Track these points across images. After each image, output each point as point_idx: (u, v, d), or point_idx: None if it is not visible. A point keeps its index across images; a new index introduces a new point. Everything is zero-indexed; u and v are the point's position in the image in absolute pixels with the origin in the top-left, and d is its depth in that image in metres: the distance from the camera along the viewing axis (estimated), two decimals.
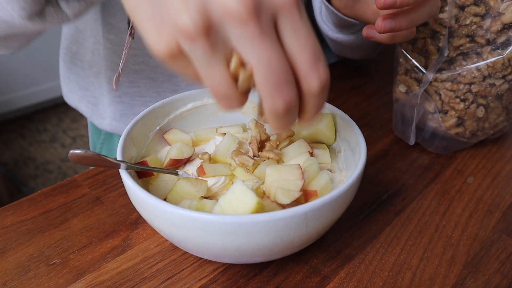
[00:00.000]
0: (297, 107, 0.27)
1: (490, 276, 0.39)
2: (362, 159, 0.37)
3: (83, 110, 0.70)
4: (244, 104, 0.28)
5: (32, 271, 0.38)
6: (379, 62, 0.83)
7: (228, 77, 0.26)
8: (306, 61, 0.26)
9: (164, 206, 0.32)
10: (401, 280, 0.38)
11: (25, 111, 2.23)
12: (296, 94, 0.26)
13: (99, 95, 0.67)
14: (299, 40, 0.25)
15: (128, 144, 0.40)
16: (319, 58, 0.26)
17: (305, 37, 0.25)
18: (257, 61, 0.25)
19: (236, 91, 0.26)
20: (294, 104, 0.26)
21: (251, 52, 0.25)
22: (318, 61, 0.26)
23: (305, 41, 0.25)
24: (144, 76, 0.62)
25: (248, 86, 0.27)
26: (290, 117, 0.27)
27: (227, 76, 0.26)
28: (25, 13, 0.39)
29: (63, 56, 0.69)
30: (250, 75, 0.26)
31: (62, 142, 2.09)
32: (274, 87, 0.25)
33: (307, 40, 0.25)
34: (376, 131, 0.61)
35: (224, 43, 0.25)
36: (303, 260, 0.40)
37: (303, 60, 0.26)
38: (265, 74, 0.25)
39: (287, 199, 0.36)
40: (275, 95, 0.25)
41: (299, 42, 0.25)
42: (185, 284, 0.37)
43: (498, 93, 0.49)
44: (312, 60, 0.26)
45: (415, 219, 0.45)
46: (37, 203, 0.46)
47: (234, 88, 0.26)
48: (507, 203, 0.48)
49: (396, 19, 0.41)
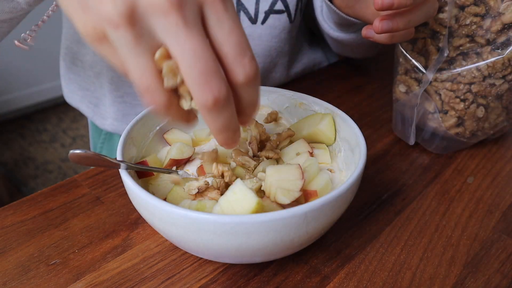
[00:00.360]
0: (230, 103, 0.27)
1: (490, 276, 0.39)
2: (362, 159, 0.37)
3: (85, 111, 0.70)
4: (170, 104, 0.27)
5: (32, 271, 0.38)
6: (379, 62, 0.83)
7: (152, 68, 0.25)
8: (230, 53, 0.26)
9: (164, 206, 0.32)
10: (401, 280, 0.38)
11: (25, 111, 2.23)
12: (225, 86, 0.26)
13: (101, 95, 0.67)
14: (224, 31, 0.25)
15: (128, 144, 0.40)
16: (245, 50, 0.26)
17: (229, 28, 0.25)
18: (181, 52, 0.24)
19: (161, 84, 0.26)
20: (224, 97, 0.26)
21: (175, 43, 0.24)
22: (243, 52, 0.26)
23: (229, 32, 0.25)
24: None
25: (174, 80, 0.26)
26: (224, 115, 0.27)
27: (151, 67, 0.25)
28: None
29: (64, 56, 0.69)
30: (174, 67, 0.25)
31: (62, 142, 2.09)
32: (201, 79, 0.25)
33: (232, 32, 0.25)
34: (376, 131, 0.61)
35: (151, 34, 0.25)
36: (303, 260, 0.40)
37: (227, 52, 0.26)
38: (190, 65, 0.25)
39: (287, 199, 0.36)
40: (202, 87, 0.25)
41: (224, 34, 0.25)
42: (185, 284, 0.37)
43: (498, 93, 0.49)
44: (237, 51, 0.26)
45: (415, 219, 0.45)
46: (37, 203, 0.46)
47: (157, 80, 0.26)
48: (507, 203, 0.48)
49: (394, 20, 0.42)
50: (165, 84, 0.26)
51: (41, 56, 2.12)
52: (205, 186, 0.39)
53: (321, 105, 0.47)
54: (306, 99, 0.48)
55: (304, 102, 0.48)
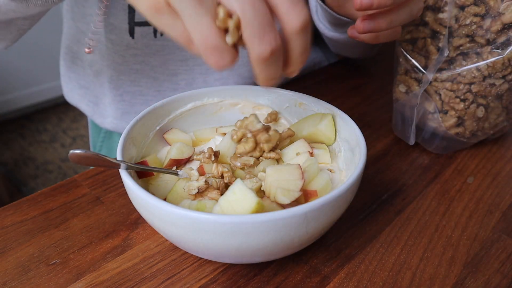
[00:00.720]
0: (281, 53, 0.29)
1: (490, 276, 0.39)
2: (362, 159, 0.37)
3: (84, 109, 0.70)
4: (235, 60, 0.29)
5: (32, 271, 0.38)
6: (379, 62, 0.83)
7: (216, 27, 0.27)
8: (283, 2, 0.28)
9: (164, 206, 0.32)
10: (401, 280, 0.38)
11: (25, 111, 2.23)
12: (279, 37, 0.28)
13: (100, 94, 0.67)
14: None
15: (128, 144, 0.40)
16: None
17: None
18: (242, 8, 0.26)
19: (226, 42, 0.28)
20: (278, 48, 0.28)
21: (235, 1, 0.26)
22: (296, 1, 0.28)
23: None
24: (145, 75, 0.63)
25: (237, 37, 0.28)
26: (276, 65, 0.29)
27: (215, 27, 0.27)
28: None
29: (64, 56, 0.70)
30: (237, 25, 0.27)
31: (62, 142, 2.09)
32: (260, 31, 0.27)
33: None
34: (376, 131, 0.61)
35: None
36: (303, 260, 0.40)
37: (281, 2, 0.28)
38: (250, 19, 0.27)
39: (287, 199, 0.36)
40: (261, 39, 0.27)
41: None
42: (185, 284, 0.37)
43: (498, 93, 0.49)
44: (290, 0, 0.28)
45: (415, 219, 0.45)
46: (37, 203, 0.46)
47: (223, 39, 0.28)
48: (507, 203, 0.48)
49: (375, 19, 0.41)
50: (229, 40, 0.28)
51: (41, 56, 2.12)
52: (205, 186, 0.39)
53: (321, 105, 0.47)
54: (306, 99, 0.48)
55: (304, 102, 0.48)
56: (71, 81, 0.70)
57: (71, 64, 0.69)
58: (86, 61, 0.66)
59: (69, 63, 0.69)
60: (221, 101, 0.49)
